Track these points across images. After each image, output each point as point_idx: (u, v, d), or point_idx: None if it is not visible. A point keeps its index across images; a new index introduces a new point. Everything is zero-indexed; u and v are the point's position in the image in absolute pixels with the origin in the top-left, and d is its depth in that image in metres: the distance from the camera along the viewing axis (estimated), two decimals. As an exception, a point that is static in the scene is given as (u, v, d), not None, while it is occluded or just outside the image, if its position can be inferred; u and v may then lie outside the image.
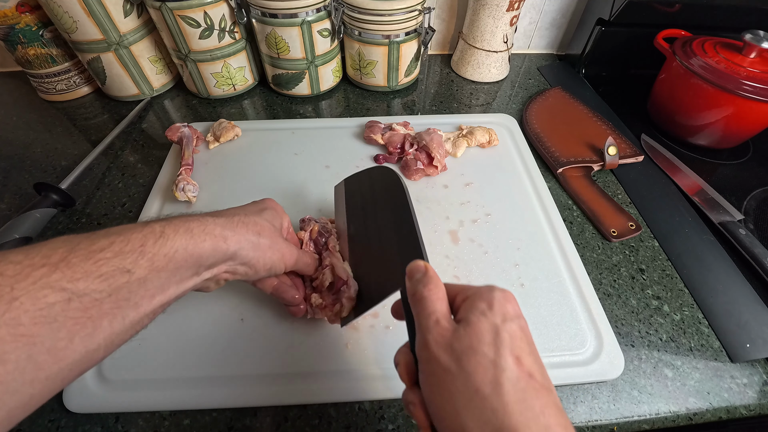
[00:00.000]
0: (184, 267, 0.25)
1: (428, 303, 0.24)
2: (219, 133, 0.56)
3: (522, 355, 0.21)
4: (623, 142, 0.58)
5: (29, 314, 0.18)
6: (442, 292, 0.24)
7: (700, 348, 0.39)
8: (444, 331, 0.22)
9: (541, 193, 0.51)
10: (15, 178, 0.54)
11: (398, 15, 0.58)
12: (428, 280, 0.25)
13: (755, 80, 0.50)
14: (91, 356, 0.21)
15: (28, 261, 0.20)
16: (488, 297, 0.23)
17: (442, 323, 0.23)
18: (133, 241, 0.23)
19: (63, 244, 0.21)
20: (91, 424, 0.33)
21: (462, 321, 0.22)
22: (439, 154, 0.51)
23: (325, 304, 0.36)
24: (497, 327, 0.21)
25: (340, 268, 0.36)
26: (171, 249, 0.24)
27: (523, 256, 0.44)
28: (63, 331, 0.19)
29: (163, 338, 0.37)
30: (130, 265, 0.22)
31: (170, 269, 0.24)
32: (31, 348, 0.18)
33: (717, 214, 0.49)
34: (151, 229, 0.24)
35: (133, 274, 0.22)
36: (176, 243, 0.25)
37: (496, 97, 0.70)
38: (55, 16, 0.54)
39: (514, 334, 0.21)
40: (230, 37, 0.60)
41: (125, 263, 0.22)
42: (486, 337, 0.21)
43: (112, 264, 0.22)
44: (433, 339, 0.22)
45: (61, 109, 0.65)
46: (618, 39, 0.69)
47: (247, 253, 0.29)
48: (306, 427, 0.34)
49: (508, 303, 0.23)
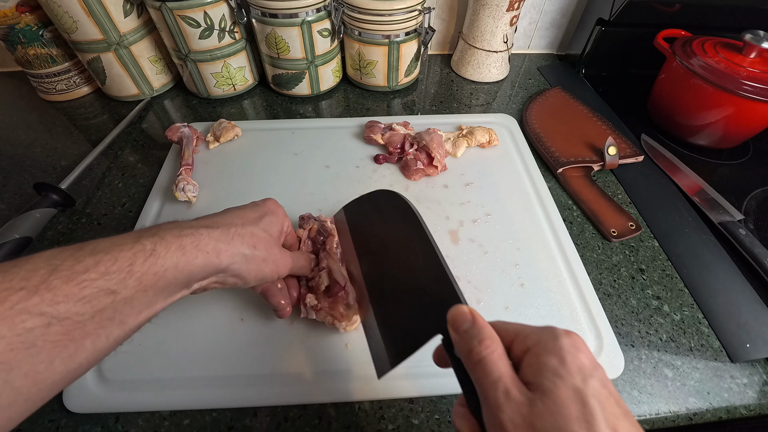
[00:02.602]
0: (174, 284, 0.25)
1: (490, 366, 0.20)
2: (219, 133, 0.56)
3: (618, 424, 0.18)
4: (623, 142, 0.58)
5: (5, 340, 0.18)
6: (501, 348, 0.21)
7: (700, 348, 0.39)
8: (519, 407, 0.18)
9: (541, 193, 0.51)
10: (15, 178, 0.54)
11: (398, 15, 0.58)
12: (481, 334, 0.21)
13: (755, 80, 0.50)
14: (72, 374, 0.21)
15: (6, 284, 0.19)
16: (556, 349, 0.19)
17: (513, 395, 0.19)
18: (120, 260, 0.22)
19: (45, 264, 0.20)
20: (91, 424, 0.33)
21: (536, 389, 0.19)
22: (439, 154, 0.51)
23: (320, 307, 0.36)
24: (581, 393, 0.18)
25: (338, 273, 0.36)
26: (161, 268, 0.23)
27: (523, 256, 0.44)
28: (42, 355, 0.19)
29: (163, 338, 0.37)
30: (116, 285, 0.21)
31: (159, 287, 0.24)
32: (8, 374, 0.18)
33: (717, 214, 0.49)
34: (141, 247, 0.23)
35: (118, 295, 0.21)
36: (167, 261, 0.24)
37: (496, 97, 0.70)
38: (55, 16, 0.54)
39: (601, 398, 0.18)
40: (230, 37, 0.60)
41: (110, 284, 0.21)
42: (572, 411, 0.18)
43: (97, 285, 0.21)
44: (508, 419, 0.18)
45: (61, 109, 0.65)
46: (618, 39, 0.69)
47: (239, 267, 0.28)
48: (306, 427, 0.34)
49: (580, 352, 0.20)
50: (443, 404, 0.35)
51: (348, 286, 0.36)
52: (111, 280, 0.21)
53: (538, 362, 0.20)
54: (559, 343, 0.20)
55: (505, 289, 0.41)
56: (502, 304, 0.40)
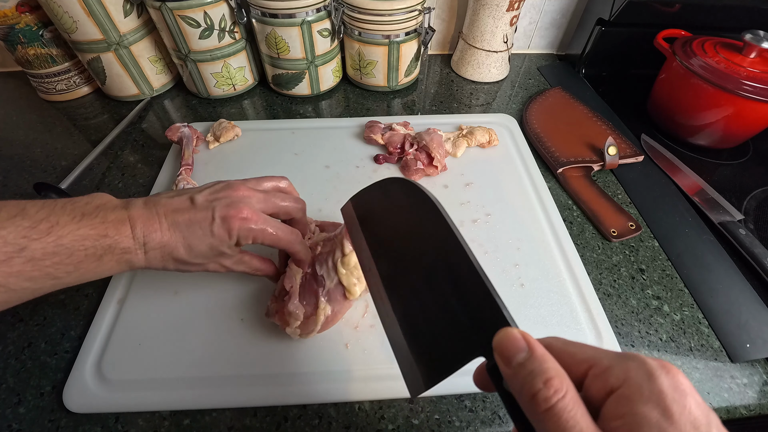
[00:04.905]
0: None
1: (565, 418, 0.15)
2: (219, 133, 0.56)
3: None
4: (623, 142, 0.58)
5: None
6: (573, 389, 0.16)
7: (700, 348, 0.39)
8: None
9: (541, 193, 0.51)
10: (15, 178, 0.54)
11: (398, 15, 0.58)
12: (545, 371, 0.16)
13: (755, 80, 0.50)
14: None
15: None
16: (655, 394, 0.15)
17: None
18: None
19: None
20: (91, 424, 0.33)
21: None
22: (439, 154, 0.51)
23: (276, 309, 0.36)
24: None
25: (288, 277, 0.36)
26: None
27: (523, 256, 0.44)
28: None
29: (163, 338, 0.37)
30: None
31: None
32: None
33: (717, 214, 0.49)
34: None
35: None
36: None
37: (496, 97, 0.70)
38: (55, 16, 0.54)
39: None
40: (230, 37, 0.60)
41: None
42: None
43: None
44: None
45: (61, 109, 0.65)
46: (618, 39, 0.69)
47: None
48: (306, 427, 0.34)
49: (688, 396, 0.15)
50: (443, 404, 0.35)
51: (293, 291, 0.35)
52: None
53: (633, 414, 0.15)
54: (658, 385, 0.15)
55: (505, 289, 0.41)
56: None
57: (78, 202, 0.28)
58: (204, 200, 0.31)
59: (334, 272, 0.35)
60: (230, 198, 0.31)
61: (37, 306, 0.40)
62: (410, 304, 0.26)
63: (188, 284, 0.41)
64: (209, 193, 0.32)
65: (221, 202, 0.31)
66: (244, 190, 0.32)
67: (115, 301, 0.40)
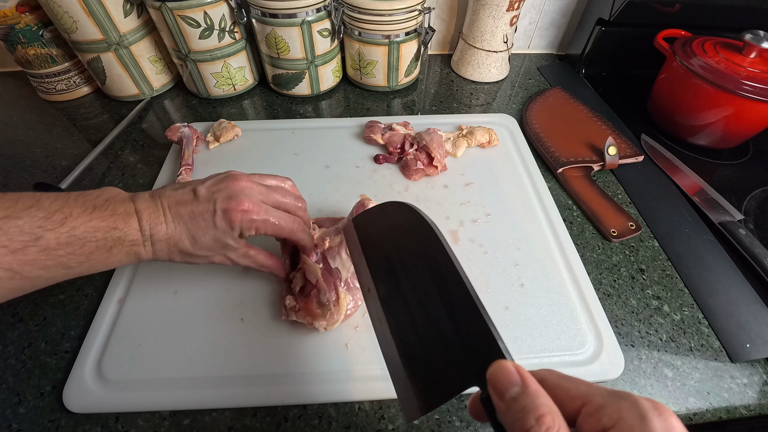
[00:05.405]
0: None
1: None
2: (219, 133, 0.56)
3: None
4: (623, 142, 0.58)
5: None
6: (566, 426, 0.16)
7: (700, 348, 0.39)
8: None
9: (541, 193, 0.51)
10: (15, 178, 0.54)
11: (398, 15, 0.58)
12: (537, 407, 0.16)
13: (755, 80, 0.50)
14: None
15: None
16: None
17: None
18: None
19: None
20: (91, 424, 0.33)
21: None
22: (439, 154, 0.51)
23: (299, 307, 0.36)
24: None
25: (311, 272, 0.36)
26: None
27: (523, 256, 0.44)
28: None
29: (163, 338, 0.37)
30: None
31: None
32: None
33: (717, 214, 0.49)
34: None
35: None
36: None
37: (496, 97, 0.70)
38: (55, 16, 0.54)
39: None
40: (230, 37, 0.60)
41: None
42: None
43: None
44: None
45: (61, 109, 0.65)
46: (618, 39, 0.69)
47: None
48: (306, 427, 0.34)
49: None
50: (443, 404, 0.35)
51: (320, 283, 0.35)
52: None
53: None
54: (650, 428, 0.15)
55: (505, 289, 0.41)
56: (502, 304, 0.40)
57: (89, 194, 0.29)
58: (206, 192, 0.31)
59: (348, 263, 0.36)
60: (231, 189, 0.31)
61: (37, 306, 0.40)
62: (408, 328, 0.27)
63: (188, 284, 0.41)
64: (212, 184, 0.32)
65: (222, 193, 0.31)
66: (246, 181, 0.33)
67: (115, 301, 0.40)
